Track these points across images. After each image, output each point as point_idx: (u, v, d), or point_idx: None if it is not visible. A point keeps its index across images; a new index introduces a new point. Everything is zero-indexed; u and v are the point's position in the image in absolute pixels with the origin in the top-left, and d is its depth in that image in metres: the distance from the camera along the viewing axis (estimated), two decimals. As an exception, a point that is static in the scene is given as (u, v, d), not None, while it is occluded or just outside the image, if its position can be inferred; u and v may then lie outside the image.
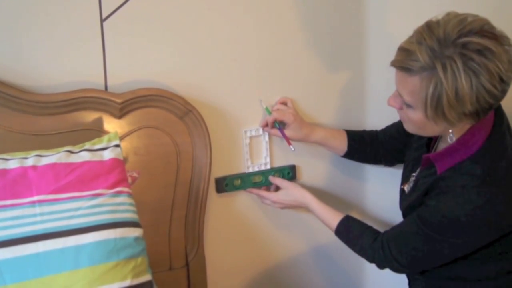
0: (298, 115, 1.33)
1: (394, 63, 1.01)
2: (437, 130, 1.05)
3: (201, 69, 1.25)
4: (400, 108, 1.07)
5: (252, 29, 1.29)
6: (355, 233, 1.21)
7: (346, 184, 1.49)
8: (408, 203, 1.16)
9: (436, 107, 0.97)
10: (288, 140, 1.34)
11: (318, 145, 1.39)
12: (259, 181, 1.37)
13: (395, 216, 1.24)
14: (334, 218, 1.25)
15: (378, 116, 1.44)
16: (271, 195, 1.33)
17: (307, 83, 1.38)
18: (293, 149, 1.34)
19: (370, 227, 1.22)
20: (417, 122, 1.04)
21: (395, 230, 1.14)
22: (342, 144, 1.35)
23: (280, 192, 1.33)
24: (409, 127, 1.09)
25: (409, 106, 1.03)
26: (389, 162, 1.38)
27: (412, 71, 0.97)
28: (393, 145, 1.33)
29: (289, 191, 1.32)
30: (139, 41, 1.18)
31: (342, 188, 1.49)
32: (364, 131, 1.39)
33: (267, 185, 1.38)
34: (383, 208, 1.52)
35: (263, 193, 1.35)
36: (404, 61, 0.98)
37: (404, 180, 1.24)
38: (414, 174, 1.19)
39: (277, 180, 1.35)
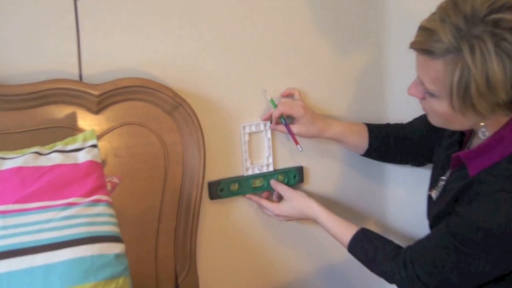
0: (308, 108, 1.33)
1: (414, 45, 1.00)
2: (466, 124, 1.05)
3: (193, 56, 1.25)
4: (423, 98, 1.07)
5: (252, 8, 1.30)
6: (371, 249, 1.20)
7: (363, 189, 1.49)
8: (435, 212, 1.15)
9: (464, 96, 0.96)
10: (295, 138, 1.34)
11: (333, 142, 1.39)
12: (260, 185, 1.37)
13: (421, 228, 1.24)
14: (347, 231, 1.24)
15: (401, 107, 1.45)
16: (273, 207, 1.33)
17: (317, 70, 1.38)
18: (300, 149, 1.35)
19: (390, 242, 1.21)
20: (443, 114, 1.03)
21: (420, 245, 1.13)
22: (362, 141, 1.35)
23: (283, 204, 1.33)
24: (434, 120, 1.09)
25: (432, 95, 1.02)
26: (417, 161, 1.38)
27: (434, 54, 0.97)
28: (422, 141, 1.33)
29: (294, 203, 1.31)
30: (120, 24, 1.17)
31: (358, 195, 1.49)
32: (388, 125, 1.39)
33: (270, 190, 1.38)
34: (407, 219, 1.52)
35: (265, 202, 1.35)
36: (425, 42, 0.97)
37: (433, 184, 1.23)
38: (443, 177, 1.18)
39: (279, 188, 1.35)
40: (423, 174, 1.35)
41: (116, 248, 0.97)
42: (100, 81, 1.15)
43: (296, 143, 1.34)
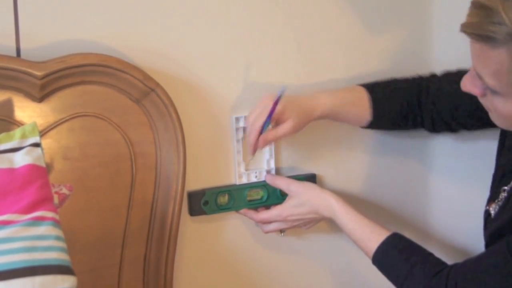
0: (290, 101, 1.30)
1: (466, 28, 1.00)
2: None
3: (170, 28, 1.26)
4: (483, 95, 1.08)
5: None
6: (405, 260, 1.21)
7: (398, 202, 1.50)
8: (494, 229, 1.17)
9: None
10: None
11: (330, 120, 1.37)
12: (258, 198, 1.37)
13: (474, 248, 1.29)
14: (374, 236, 1.26)
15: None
16: (276, 211, 1.34)
17: (336, 52, 1.40)
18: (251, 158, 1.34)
19: (431, 254, 1.23)
20: (509, 116, 1.05)
21: (470, 264, 1.15)
22: (363, 112, 1.36)
23: (288, 203, 1.34)
24: (497, 121, 1.11)
25: (494, 92, 1.04)
26: (443, 125, 1.38)
27: (494, 41, 0.97)
28: (460, 103, 1.31)
29: (303, 198, 1.32)
30: (72, -20, 1.18)
31: (391, 210, 1.50)
32: (404, 81, 1.40)
33: (271, 204, 1.38)
34: (455, 240, 1.53)
35: (263, 215, 1.35)
36: (481, 25, 0.97)
37: (492, 197, 1.24)
38: (506, 187, 1.20)
39: (279, 182, 1.35)
40: (481, 187, 1.36)
41: (64, 282, 0.95)
42: (44, 57, 1.14)
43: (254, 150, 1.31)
